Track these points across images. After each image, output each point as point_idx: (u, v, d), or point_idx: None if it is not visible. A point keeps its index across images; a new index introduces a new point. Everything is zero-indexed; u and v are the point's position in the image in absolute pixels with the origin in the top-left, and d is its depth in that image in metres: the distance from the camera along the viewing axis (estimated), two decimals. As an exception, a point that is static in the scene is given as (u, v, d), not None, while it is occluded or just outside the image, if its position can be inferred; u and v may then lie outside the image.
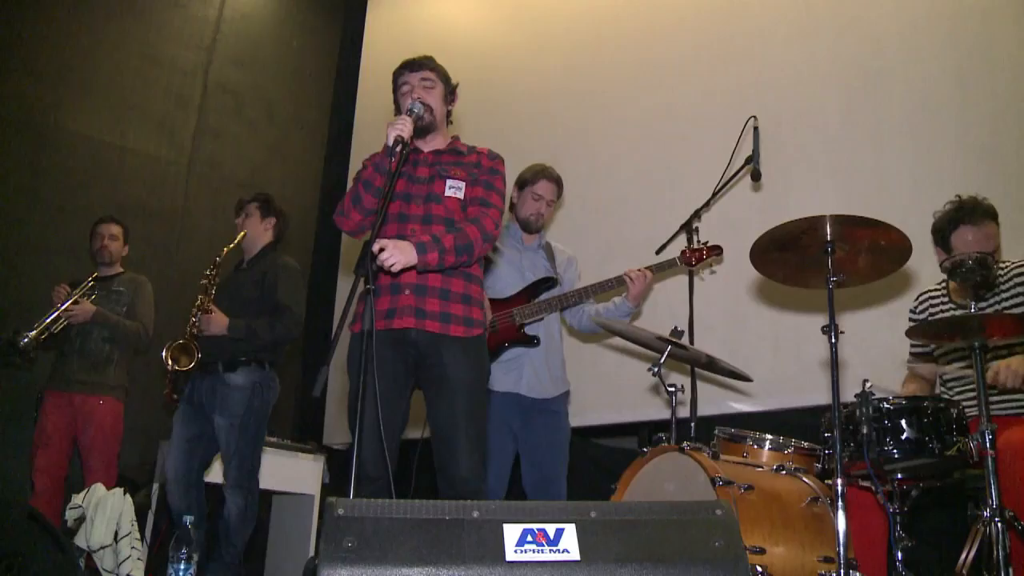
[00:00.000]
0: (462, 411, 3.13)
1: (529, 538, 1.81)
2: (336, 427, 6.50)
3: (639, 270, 4.07)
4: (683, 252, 4.15)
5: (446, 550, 1.76)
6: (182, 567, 2.92)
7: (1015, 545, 2.64)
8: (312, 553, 5.15)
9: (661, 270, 4.16)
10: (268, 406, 4.39)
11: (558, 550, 1.81)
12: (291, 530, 5.60)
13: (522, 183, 4.26)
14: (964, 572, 2.70)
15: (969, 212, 3.42)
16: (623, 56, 5.72)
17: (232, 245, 4.57)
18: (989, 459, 2.70)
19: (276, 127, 7.39)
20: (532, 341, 4.06)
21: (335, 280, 6.98)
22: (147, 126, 6.58)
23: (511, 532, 1.81)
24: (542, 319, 4.11)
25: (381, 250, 2.95)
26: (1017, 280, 3.45)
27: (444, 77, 3.47)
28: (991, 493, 2.67)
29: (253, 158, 7.14)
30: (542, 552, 1.80)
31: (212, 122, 6.90)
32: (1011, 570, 2.58)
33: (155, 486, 5.11)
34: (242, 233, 4.59)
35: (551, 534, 1.82)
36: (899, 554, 2.87)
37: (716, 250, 4.12)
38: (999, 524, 2.62)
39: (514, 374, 4.04)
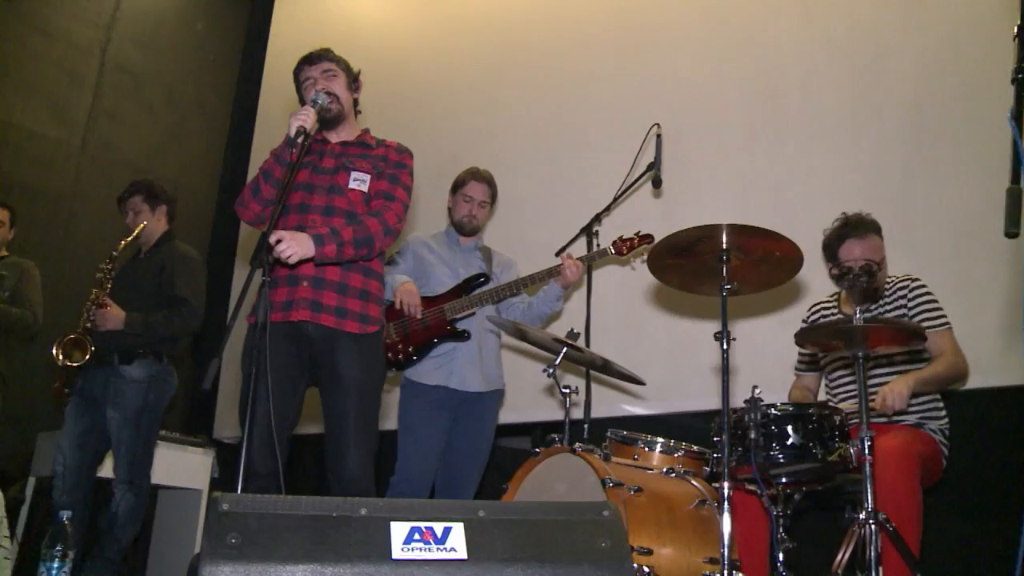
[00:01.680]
0: (353, 409, 3.10)
1: (416, 536, 1.80)
2: (227, 420, 6.36)
3: (574, 260, 4.09)
4: (615, 241, 4.20)
5: (332, 547, 1.73)
6: (55, 565, 2.80)
7: (886, 545, 2.75)
8: (198, 550, 5.03)
9: (591, 260, 4.20)
10: (164, 400, 4.27)
11: (445, 548, 1.80)
12: (177, 526, 5.46)
13: (455, 186, 4.31)
14: (839, 572, 2.80)
15: (854, 226, 3.58)
16: (529, 57, 5.75)
17: (130, 238, 4.40)
18: (867, 464, 2.79)
19: (175, 111, 7.17)
20: (463, 335, 4.06)
21: (232, 270, 6.83)
22: (36, 103, 6.26)
23: (398, 530, 1.79)
24: (473, 314, 4.10)
25: (278, 241, 2.90)
26: (899, 293, 3.59)
27: (345, 66, 3.44)
28: (867, 497, 2.77)
29: (150, 142, 6.91)
30: (429, 550, 1.79)
31: (108, 103, 6.64)
32: (881, 569, 2.68)
33: (31, 480, 4.92)
34: (141, 225, 4.43)
35: (438, 532, 1.81)
36: (780, 555, 2.95)
37: (647, 239, 4.17)
38: (872, 526, 2.72)
39: (444, 369, 4.04)
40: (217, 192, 7.36)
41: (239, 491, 2.42)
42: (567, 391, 3.39)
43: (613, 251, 4.18)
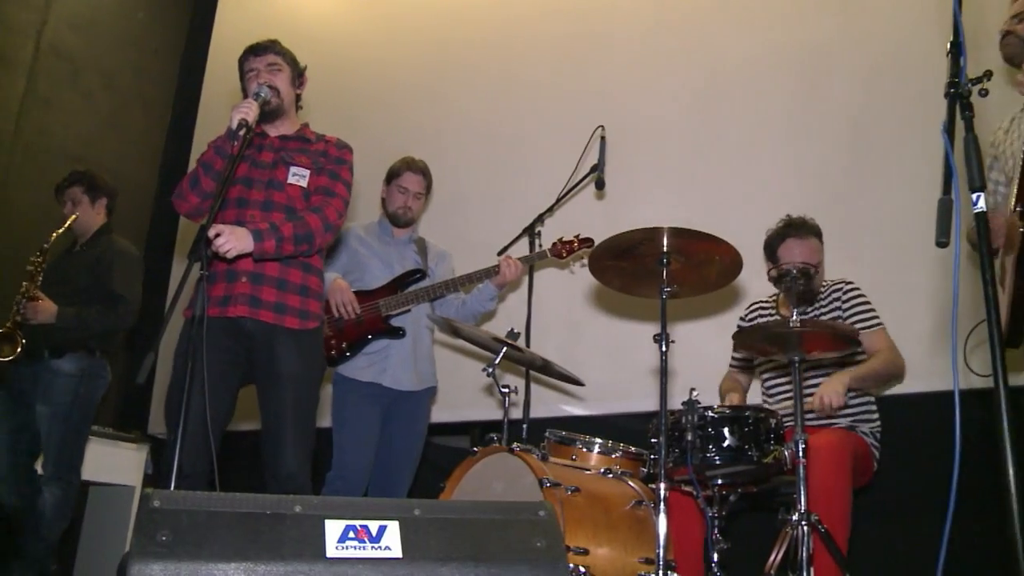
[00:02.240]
0: (291, 405, 3.08)
1: (351, 534, 1.78)
2: (162, 416, 6.24)
3: (513, 260, 4.08)
4: (554, 244, 4.20)
5: (265, 545, 1.71)
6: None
7: (817, 546, 2.80)
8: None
9: (530, 261, 4.19)
10: (95, 395, 4.18)
11: (380, 547, 1.78)
12: (108, 523, 5.34)
13: (389, 177, 4.25)
14: (772, 572, 2.84)
15: (796, 227, 3.66)
16: (475, 55, 5.73)
17: (61, 230, 4.30)
18: (801, 467, 2.84)
19: (114, 99, 6.99)
20: (397, 333, 4.03)
21: (170, 263, 6.71)
22: (-36, 85, 6.10)
23: (333, 528, 1.78)
24: (409, 311, 4.07)
25: (217, 235, 2.87)
26: (834, 296, 3.67)
27: (291, 60, 3.40)
28: (800, 498, 2.81)
29: (87, 130, 6.72)
30: (363, 549, 1.77)
31: (43, 88, 6.44)
32: (812, 569, 2.73)
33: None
34: (73, 217, 4.33)
35: (373, 531, 1.80)
36: (715, 556, 2.99)
37: (587, 243, 4.17)
38: (804, 527, 2.76)
39: (378, 366, 4.00)
40: (156, 183, 7.21)
41: (171, 488, 2.39)
42: (506, 391, 3.39)
43: (551, 254, 4.18)
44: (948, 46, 2.03)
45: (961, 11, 2.03)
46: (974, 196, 1.88)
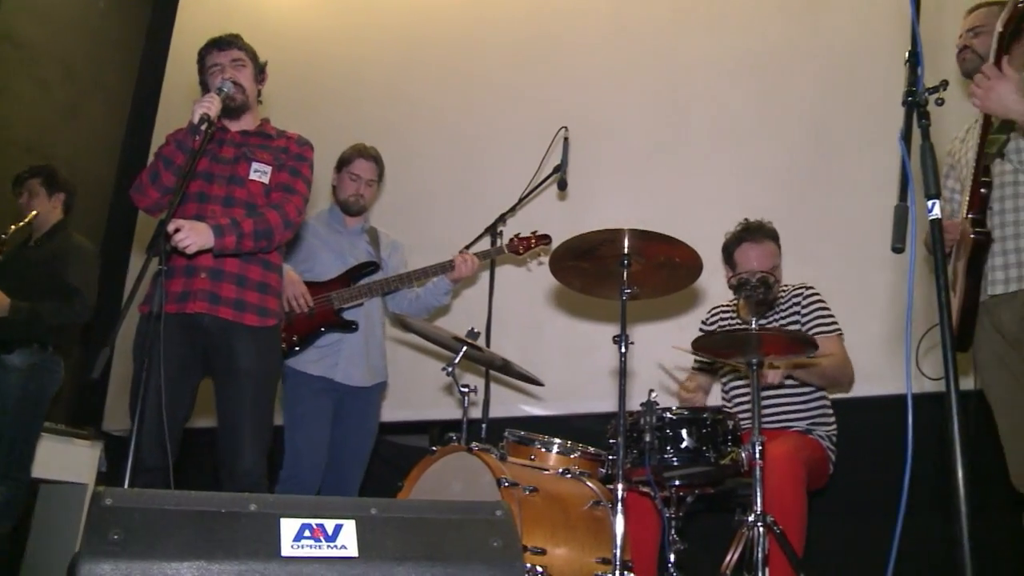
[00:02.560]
0: (248, 403, 3.06)
1: (307, 533, 1.77)
2: (116, 412, 6.16)
3: (469, 255, 4.07)
4: (511, 240, 4.20)
5: (219, 544, 1.69)
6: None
7: (772, 547, 2.83)
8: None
9: (487, 257, 4.18)
10: (47, 391, 4.11)
11: (336, 546, 1.77)
12: (60, 522, 5.25)
13: (340, 164, 4.18)
14: (727, 572, 2.87)
15: (753, 232, 3.70)
16: (440, 53, 5.71)
17: (22, 224, 4.25)
18: (757, 469, 2.87)
19: (72, 90, 6.87)
20: (350, 326, 3.97)
21: (127, 257, 6.63)
22: (-87, 72, 5.95)
23: (288, 526, 1.76)
24: (361, 304, 4.02)
25: (176, 230, 2.84)
26: (794, 301, 3.71)
27: (253, 56, 3.38)
28: (756, 500, 2.84)
29: (43, 120, 6.60)
30: (319, 548, 1.76)
31: (-2, 76, 6.35)
32: (767, 570, 2.76)
33: None
34: (33, 213, 4.27)
35: (329, 530, 1.79)
36: (671, 556, 3.01)
37: (545, 239, 4.19)
38: (760, 528, 2.79)
39: (330, 360, 3.94)
40: (115, 176, 7.11)
41: (126, 485, 2.36)
42: (466, 390, 3.39)
43: (508, 249, 4.18)
44: (906, 55, 2.06)
45: (919, 21, 2.06)
46: (929, 203, 1.91)
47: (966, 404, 2.82)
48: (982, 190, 2.82)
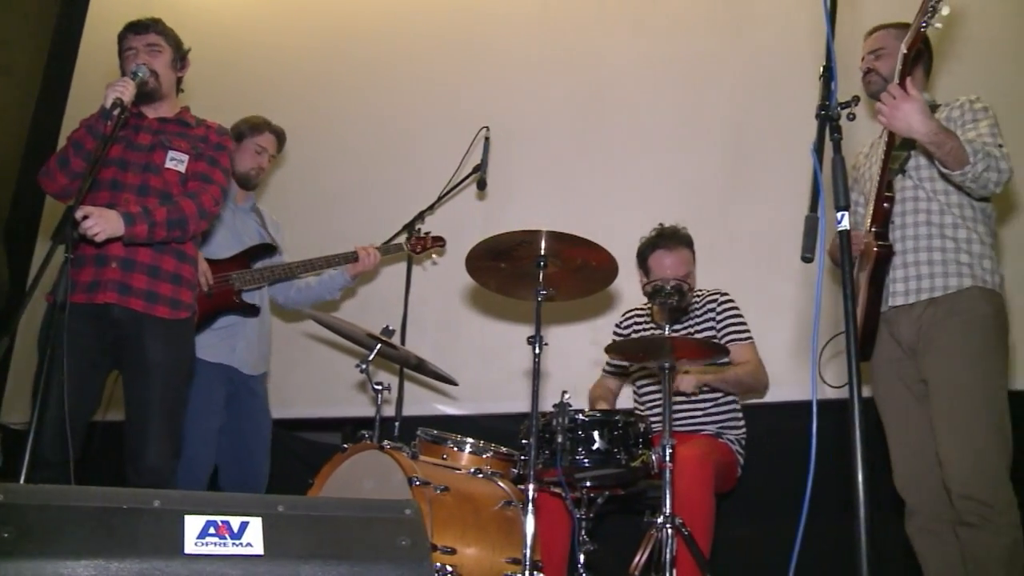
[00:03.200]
0: (157, 397, 2.99)
1: (211, 530, 1.72)
2: (16, 404, 5.96)
3: (371, 247, 4.03)
4: (408, 238, 4.18)
5: (120, 541, 1.64)
6: None
7: (680, 548, 2.87)
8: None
9: (387, 253, 4.15)
10: None
11: (241, 544, 1.74)
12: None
13: (240, 135, 3.98)
14: (636, 573, 2.90)
15: (668, 238, 3.75)
16: (364, 46, 5.64)
17: None
18: (667, 471, 2.91)
19: (-25, 71, 6.64)
20: (252, 310, 3.85)
21: (33, 244, 6.41)
22: None
23: (192, 524, 1.72)
24: (261, 287, 3.92)
25: (85, 217, 2.77)
26: (709, 307, 3.77)
27: (173, 42, 3.30)
28: (665, 502, 2.88)
29: (-55, 100, 6.38)
30: (224, 545, 1.72)
31: None
32: (675, 571, 2.81)
33: None
34: None
35: (235, 527, 1.75)
36: (581, 557, 3.03)
37: (439, 241, 4.22)
38: (669, 530, 2.83)
39: (228, 344, 3.80)
40: (22, 158, 6.86)
41: (23, 481, 2.28)
42: (379, 388, 3.35)
43: (406, 246, 4.18)
44: (821, 70, 2.11)
45: (834, 38, 2.11)
46: (839, 215, 1.95)
47: (869, 409, 2.93)
48: (885, 204, 2.91)
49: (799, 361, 4.10)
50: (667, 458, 2.92)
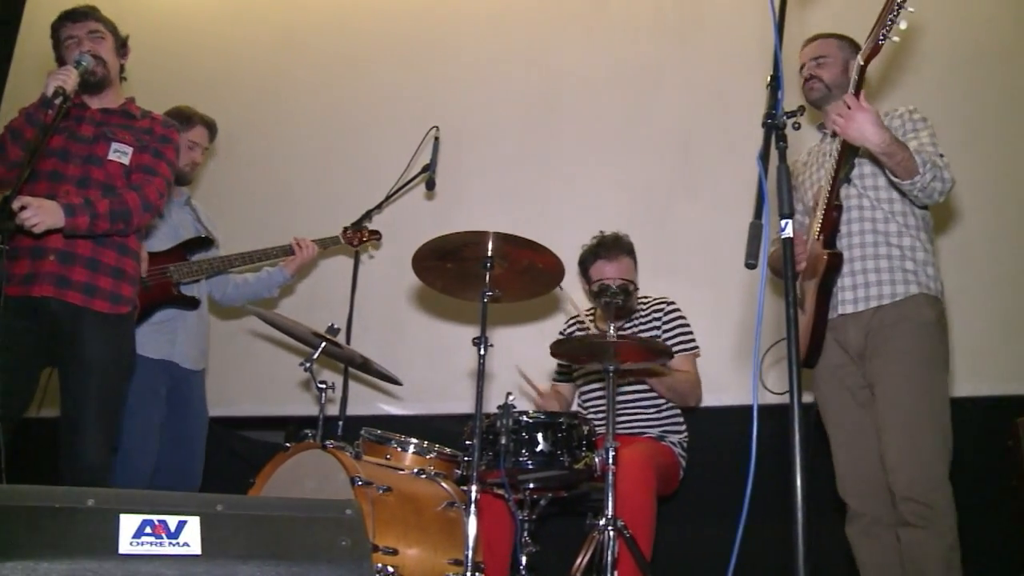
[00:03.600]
0: (95, 393, 2.93)
1: (148, 530, 1.69)
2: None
3: (308, 240, 4.00)
4: (344, 231, 4.16)
5: (51, 541, 1.60)
6: None
7: (622, 550, 2.89)
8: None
9: (325, 246, 4.13)
10: None
11: (178, 543, 1.71)
12: None
13: None
14: (578, 575, 2.91)
15: (607, 247, 3.77)
16: (315, 42, 5.59)
17: None
18: (610, 474, 2.92)
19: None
20: (192, 303, 3.78)
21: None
22: None
23: (128, 523, 1.68)
24: (199, 281, 3.85)
25: (22, 208, 2.71)
26: (655, 314, 3.80)
27: (112, 28, 3.24)
28: (608, 504, 2.89)
29: None
30: (160, 545, 1.69)
31: None
32: (616, 572, 2.82)
33: None
34: None
35: (172, 526, 1.72)
36: (523, 559, 3.03)
37: (376, 235, 4.22)
38: (610, 532, 2.85)
39: (167, 338, 3.71)
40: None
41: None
42: (323, 387, 3.32)
43: (343, 239, 4.16)
44: (768, 79, 2.13)
45: (782, 48, 2.14)
46: (782, 222, 1.98)
47: (807, 415, 2.97)
48: (834, 213, 2.96)
49: (741, 366, 4.16)
50: (610, 461, 2.93)
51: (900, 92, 4.28)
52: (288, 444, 3.23)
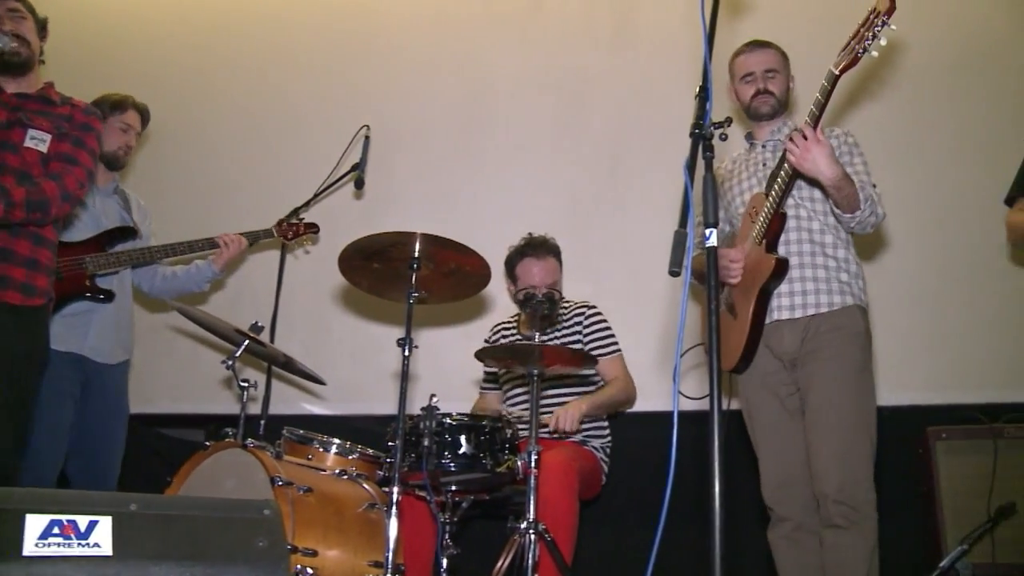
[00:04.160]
0: (3, 386, 2.84)
1: (56, 530, 1.64)
2: None
3: (234, 235, 3.92)
4: (279, 224, 4.09)
5: (-53, 543, 1.55)
6: None
7: (543, 553, 2.90)
8: None
9: (256, 240, 4.05)
10: None
11: (88, 544, 1.66)
12: None
13: (104, 111, 3.75)
14: (499, 578, 2.92)
15: (535, 247, 3.80)
16: (247, 35, 5.48)
17: None
18: (532, 477, 2.93)
19: None
20: (105, 296, 3.67)
21: None
22: None
23: (34, 523, 1.63)
24: (117, 272, 3.75)
25: (-69, 196, 2.62)
26: (576, 319, 3.83)
27: (31, 8, 3.14)
28: (529, 508, 2.90)
29: None
30: (69, 546, 1.64)
31: None
32: (536, 575, 2.83)
33: None
34: None
35: (82, 527, 1.67)
36: (444, 561, 3.02)
37: (312, 228, 4.14)
38: (532, 535, 2.86)
39: (79, 331, 3.60)
40: None
41: None
42: (245, 385, 3.27)
43: (276, 232, 4.10)
44: (697, 90, 2.16)
45: (711, 59, 2.17)
46: (707, 231, 2.01)
47: (730, 422, 3.01)
48: (778, 221, 3.00)
49: (664, 372, 4.21)
50: (532, 464, 2.94)
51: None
52: (208, 443, 3.17)
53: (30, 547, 1.61)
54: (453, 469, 3.02)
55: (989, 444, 3.72)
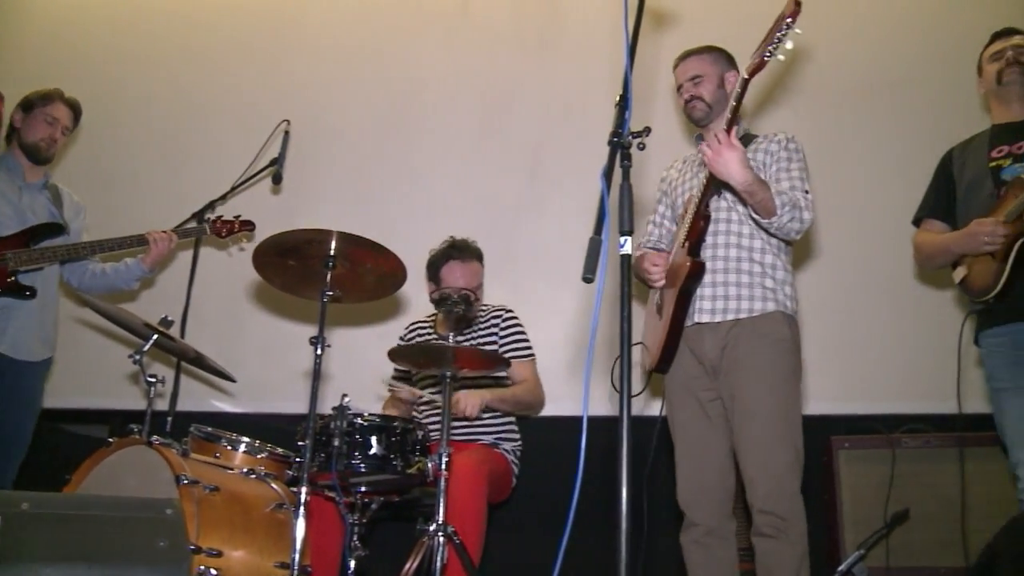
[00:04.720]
0: None
1: (-65, 532, 1.58)
2: None
3: (164, 232, 3.83)
4: (213, 221, 4.00)
5: None
6: None
7: (451, 556, 2.90)
8: None
9: (187, 236, 3.96)
10: None
11: (-28, 545, 1.61)
12: None
13: (28, 105, 3.75)
14: (407, 580, 2.91)
15: (460, 250, 3.82)
16: (165, 20, 5.37)
17: None
18: (442, 480, 2.93)
19: None
20: (27, 292, 3.57)
21: None
22: None
23: (-87, 523, 1.58)
24: (41, 269, 3.65)
25: None
26: (493, 322, 3.85)
27: None
28: (439, 510, 2.90)
29: None
30: (-48, 547, 1.59)
31: None
32: (444, 577, 2.83)
33: None
34: None
35: (-33, 527, 1.61)
36: (352, 563, 3.00)
37: (248, 225, 4.05)
38: (440, 538, 2.85)
39: None
40: None
41: None
42: (152, 380, 3.20)
43: (210, 230, 4.03)
44: (617, 99, 2.18)
45: (632, 69, 2.19)
46: (622, 239, 2.03)
47: (652, 428, 3.05)
48: (701, 223, 3.02)
49: (577, 376, 4.24)
50: (443, 466, 2.94)
51: (768, 120, 4.45)
52: (111, 439, 3.09)
53: (-92, 547, 1.55)
54: (363, 470, 3.00)
55: (888, 454, 3.85)
